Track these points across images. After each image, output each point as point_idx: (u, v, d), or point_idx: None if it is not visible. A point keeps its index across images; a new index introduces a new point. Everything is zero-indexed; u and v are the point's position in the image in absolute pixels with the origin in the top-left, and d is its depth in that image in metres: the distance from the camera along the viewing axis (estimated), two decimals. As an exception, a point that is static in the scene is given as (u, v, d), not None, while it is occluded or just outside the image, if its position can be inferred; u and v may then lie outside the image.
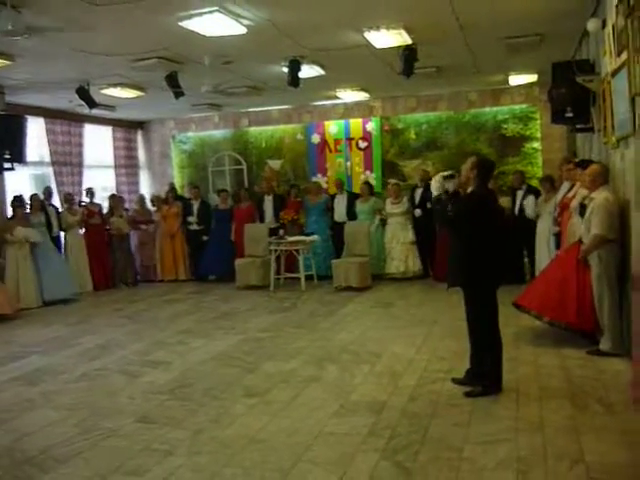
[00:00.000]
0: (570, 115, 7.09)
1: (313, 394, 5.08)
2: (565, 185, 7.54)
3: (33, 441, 4.34)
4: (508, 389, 4.92)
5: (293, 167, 13.30)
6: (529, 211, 9.15)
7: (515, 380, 5.15)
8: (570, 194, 6.97)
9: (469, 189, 4.83)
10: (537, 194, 9.26)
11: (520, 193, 9.65)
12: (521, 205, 9.46)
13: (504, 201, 9.80)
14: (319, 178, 12.87)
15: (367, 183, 11.52)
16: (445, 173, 4.85)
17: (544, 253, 8.55)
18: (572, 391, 4.84)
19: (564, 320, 6.02)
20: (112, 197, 12.08)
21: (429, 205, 9.87)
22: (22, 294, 9.55)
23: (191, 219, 11.94)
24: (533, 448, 3.82)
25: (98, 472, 3.78)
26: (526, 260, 9.60)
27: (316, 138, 13.07)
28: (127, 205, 12.65)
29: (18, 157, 9.75)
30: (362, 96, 11.92)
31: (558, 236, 7.68)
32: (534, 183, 10.36)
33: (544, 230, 8.63)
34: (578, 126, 7.63)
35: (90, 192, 11.65)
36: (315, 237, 10.70)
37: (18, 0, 5.34)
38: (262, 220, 11.55)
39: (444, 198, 4.81)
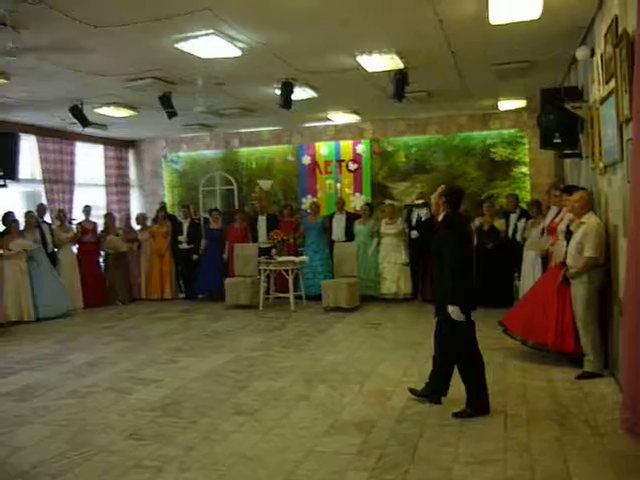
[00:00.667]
0: (558, 141, 7.22)
1: (303, 413, 5.11)
2: (553, 210, 7.66)
3: (25, 456, 4.34)
4: (496, 410, 4.98)
5: (283, 188, 13.39)
6: (519, 235, 9.26)
7: (503, 402, 5.21)
8: (557, 219, 7.10)
9: (440, 216, 5.04)
10: (529, 218, 9.37)
11: (514, 216, 9.77)
12: (515, 228, 9.57)
13: (498, 224, 9.91)
14: (309, 199, 12.96)
15: (369, 204, 11.58)
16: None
17: (529, 276, 8.65)
18: (559, 412, 4.91)
19: (544, 342, 6.16)
20: (107, 215, 12.11)
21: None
22: (19, 308, 9.57)
23: (181, 238, 11.97)
24: (521, 469, 3.88)
25: (89, 488, 3.80)
26: (517, 283, 9.69)
27: (307, 159, 13.19)
28: (118, 223, 12.66)
29: (10, 174, 9.77)
30: (353, 118, 12.07)
31: (544, 259, 7.79)
32: (523, 207, 10.49)
33: (530, 254, 8.74)
34: (566, 152, 7.75)
35: (86, 210, 11.67)
36: (304, 258, 10.76)
37: (17, 21, 5.40)
38: (255, 240, 11.58)
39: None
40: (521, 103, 10.81)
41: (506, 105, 10.99)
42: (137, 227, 12.39)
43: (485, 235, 9.89)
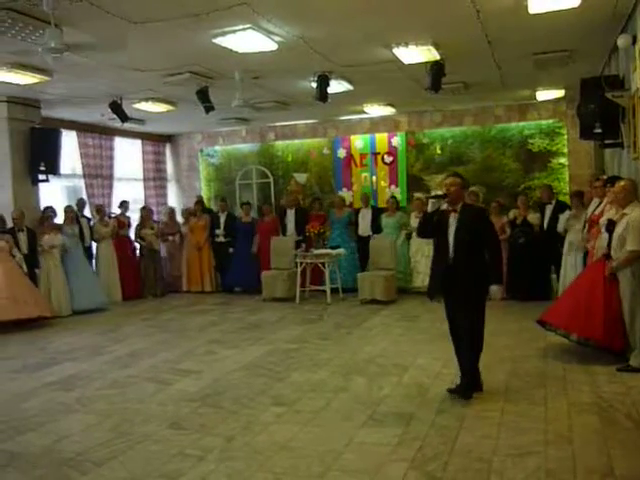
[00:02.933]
0: (599, 131, 7.11)
1: (341, 404, 5.14)
2: (594, 201, 7.53)
3: (70, 444, 4.45)
4: (536, 403, 4.95)
5: (319, 181, 13.42)
6: (561, 226, 9.07)
7: (543, 395, 5.17)
8: (598, 210, 6.97)
9: (458, 205, 5.15)
10: (566, 209, 9.23)
11: (549, 208, 9.63)
12: (551, 220, 9.41)
13: (532, 217, 9.78)
14: (345, 192, 12.97)
15: (394, 197, 11.59)
16: (440, 192, 5.17)
17: (571, 269, 8.53)
18: (601, 405, 4.85)
19: (591, 336, 6.01)
20: (143, 209, 12.30)
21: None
22: (53, 302, 9.72)
23: (218, 232, 12.09)
24: (562, 461, 3.84)
25: (134, 475, 3.88)
26: (554, 276, 9.57)
27: (342, 152, 13.19)
28: (155, 217, 12.87)
29: (52, 169, 10.01)
30: (388, 111, 12.02)
31: (586, 252, 7.67)
32: (562, 198, 10.36)
33: (572, 246, 8.62)
34: (607, 142, 7.63)
35: (124, 204, 11.88)
36: (341, 250, 10.78)
37: (60, 19, 5.51)
38: (284, 233, 11.66)
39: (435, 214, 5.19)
40: (560, 93, 10.65)
41: (544, 95, 10.83)
42: (181, 220, 12.55)
43: (518, 228, 9.76)
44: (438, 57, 7.64)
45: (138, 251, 11.97)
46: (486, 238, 5.14)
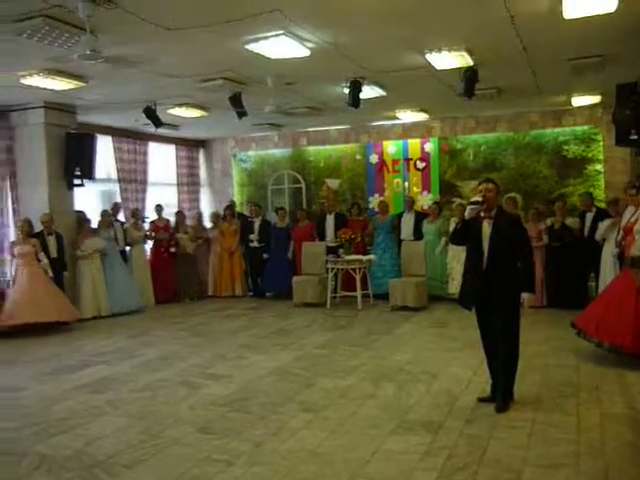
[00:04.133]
0: (635, 137, 7.00)
1: (370, 411, 5.12)
2: (630, 209, 7.39)
3: (100, 446, 4.50)
4: (568, 413, 4.88)
5: (351, 186, 13.40)
6: (599, 234, 8.95)
7: (575, 404, 5.10)
8: (633, 218, 6.84)
9: (493, 212, 5.12)
10: (606, 217, 9.10)
11: (590, 215, 9.51)
12: (592, 228, 9.29)
13: (571, 222, 9.67)
14: (376, 198, 12.92)
15: (437, 203, 11.51)
16: (479, 198, 5.08)
17: (609, 277, 8.39)
18: (634, 417, 4.76)
19: (620, 343, 5.93)
20: (178, 213, 12.45)
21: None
22: (96, 304, 9.96)
23: (252, 236, 12.14)
24: (594, 474, 3.78)
25: (162, 478, 3.91)
26: (593, 284, 9.42)
27: (374, 158, 13.16)
28: (188, 222, 12.99)
29: (87, 174, 10.16)
30: (421, 117, 11.96)
31: (620, 259, 7.53)
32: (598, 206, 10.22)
33: (609, 254, 8.48)
34: (643, 148, 7.50)
35: (158, 209, 12.03)
36: (372, 256, 10.76)
37: (95, 25, 5.61)
38: (323, 238, 11.62)
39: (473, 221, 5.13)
40: (595, 99, 10.47)
41: (580, 101, 10.66)
42: (209, 225, 12.64)
43: (556, 234, 9.66)
44: (472, 63, 7.57)
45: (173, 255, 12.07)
46: (520, 245, 5.09)
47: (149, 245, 11.83)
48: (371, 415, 5.02)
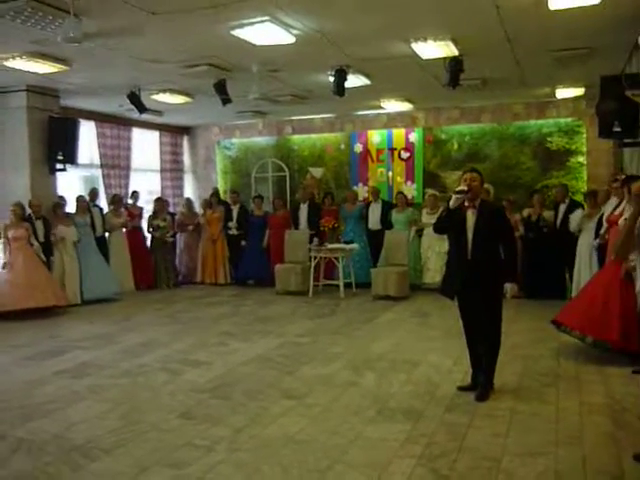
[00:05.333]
0: (618, 129, 7.03)
1: (351, 399, 5.13)
2: (613, 201, 7.46)
3: (79, 431, 4.48)
4: (547, 402, 4.93)
5: (335, 176, 13.39)
6: (574, 225, 9.03)
7: (555, 394, 5.14)
8: (617, 211, 6.90)
9: (477, 201, 5.12)
10: (579, 208, 9.18)
11: (563, 207, 9.58)
12: (564, 219, 9.36)
13: (547, 215, 9.75)
14: (360, 187, 12.93)
15: (401, 193, 11.62)
16: (465, 188, 5.03)
17: (585, 269, 8.47)
18: (613, 408, 4.81)
19: (607, 338, 5.95)
20: (158, 200, 12.35)
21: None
22: (67, 291, 9.78)
23: (231, 224, 12.13)
24: (572, 462, 3.81)
25: (141, 463, 3.89)
26: (567, 276, 9.50)
27: (358, 147, 13.15)
28: (172, 208, 12.92)
29: (70, 159, 10.07)
30: (406, 106, 11.96)
31: (600, 252, 7.60)
32: (578, 198, 10.29)
33: (586, 245, 8.55)
34: (626, 141, 7.54)
35: (134, 195, 11.95)
36: (355, 245, 10.79)
37: (79, 8, 5.54)
38: (297, 227, 11.67)
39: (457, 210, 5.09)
40: (579, 91, 10.53)
41: (564, 93, 10.72)
42: (200, 211, 12.59)
43: (532, 226, 9.74)
44: (457, 53, 7.59)
45: (149, 242, 12.01)
46: (503, 235, 5.14)
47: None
48: (352, 403, 5.03)
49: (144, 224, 11.98)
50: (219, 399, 5.18)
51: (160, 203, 12.23)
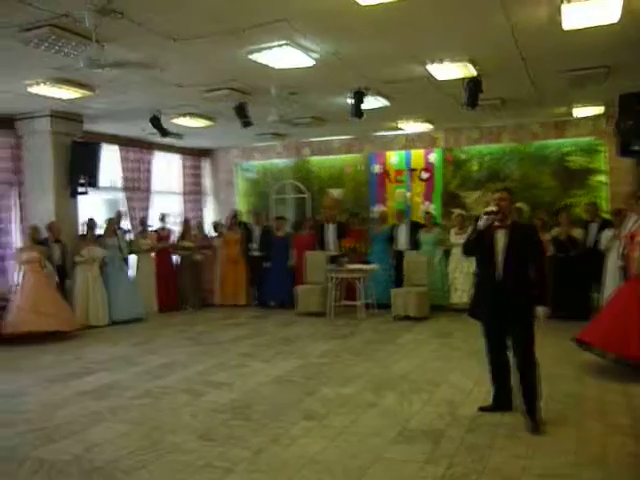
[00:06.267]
0: (638, 148, 7.00)
1: (371, 420, 5.11)
2: (632, 218, 7.40)
3: (100, 452, 4.51)
4: (570, 424, 4.87)
5: (354, 196, 13.43)
6: (603, 244, 8.92)
7: (577, 415, 5.09)
8: (634, 227, 6.85)
9: (508, 221, 4.98)
10: (611, 227, 9.09)
11: (594, 226, 9.51)
12: (596, 238, 9.27)
13: (577, 233, 9.67)
14: (379, 208, 12.95)
15: (429, 213, 11.58)
16: (494, 208, 4.90)
17: (611, 288, 8.37)
18: (637, 428, 4.74)
19: (627, 354, 5.89)
20: (185, 222, 12.52)
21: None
22: (92, 313, 9.91)
23: (252, 246, 12.16)
24: (594, 484, 3.76)
25: (162, 485, 3.92)
26: (596, 294, 9.40)
27: (377, 168, 13.19)
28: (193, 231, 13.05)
29: (92, 182, 10.22)
30: (425, 127, 11.99)
31: (625, 270, 7.52)
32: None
33: (613, 264, 8.47)
34: (646, 159, 7.50)
35: (162, 217, 12.10)
36: (374, 266, 10.78)
37: (101, 35, 5.66)
38: (323, 247, 11.65)
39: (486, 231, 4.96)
40: (599, 110, 10.49)
41: (582, 112, 10.68)
42: (213, 234, 12.66)
43: (562, 245, 9.65)
44: (475, 73, 7.61)
45: (177, 263, 12.10)
46: (535, 257, 4.97)
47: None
48: (372, 424, 5.01)
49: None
50: (239, 420, 5.19)
51: (187, 225, 12.37)
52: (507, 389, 5.15)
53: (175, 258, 12.13)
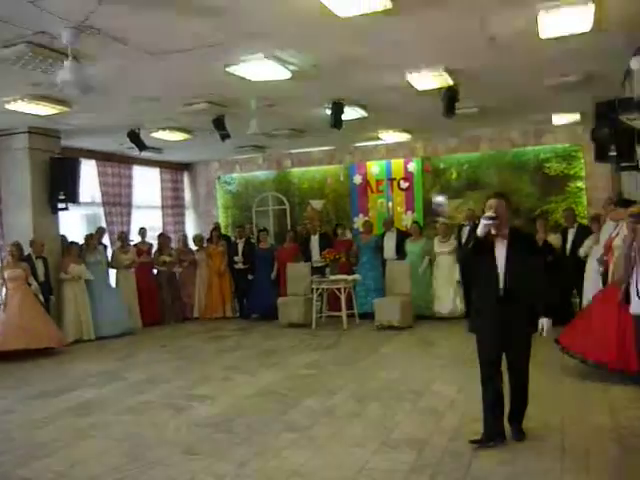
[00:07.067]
0: (614, 154, 7.09)
1: (355, 430, 5.11)
2: (610, 225, 7.49)
3: (84, 469, 4.47)
4: (552, 428, 4.89)
5: (335, 207, 13.47)
6: (583, 250, 8.99)
7: (560, 419, 5.11)
8: (614, 234, 6.93)
9: (506, 229, 4.63)
10: (589, 233, 9.18)
11: (572, 232, 9.59)
12: (574, 244, 9.36)
13: (553, 238, 9.75)
14: (361, 218, 12.99)
15: (416, 223, 11.61)
16: (493, 214, 4.54)
17: (591, 293, 8.44)
18: (619, 432, 4.77)
19: (606, 361, 5.97)
20: (160, 236, 12.42)
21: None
22: (82, 327, 9.89)
23: (237, 258, 12.14)
24: (578, 488, 3.79)
25: (146, 501, 3.89)
26: (577, 300, 9.48)
27: (358, 179, 13.25)
28: (173, 244, 12.99)
29: (72, 197, 10.16)
30: (404, 137, 12.07)
31: (605, 276, 7.60)
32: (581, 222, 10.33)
33: (593, 270, 8.54)
34: (623, 164, 7.59)
35: (142, 232, 12.03)
36: (357, 276, 10.79)
37: (77, 51, 5.65)
38: (308, 259, 11.65)
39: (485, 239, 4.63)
40: (575, 117, 10.62)
41: (559, 119, 10.82)
42: (194, 247, 12.61)
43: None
44: (451, 82, 7.68)
45: (156, 277, 12.03)
46: (536, 266, 4.72)
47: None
48: (356, 434, 5.01)
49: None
50: (223, 433, 5.16)
51: (163, 238, 12.30)
52: (501, 420, 4.72)
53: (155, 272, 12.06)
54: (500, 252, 4.61)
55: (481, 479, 3.99)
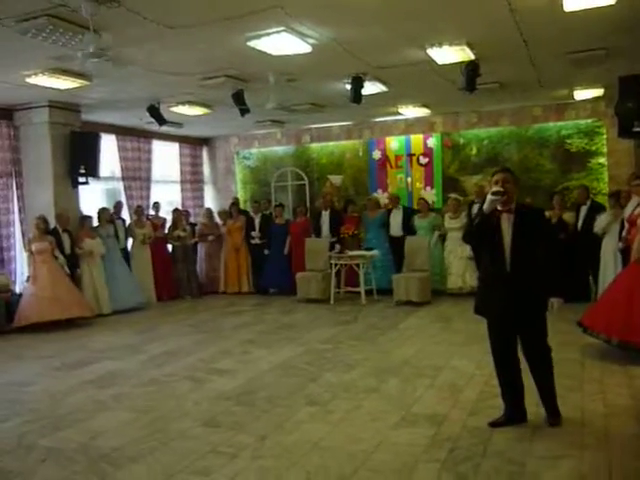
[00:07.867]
0: (638, 129, 6.99)
1: (374, 405, 5.14)
2: (634, 201, 7.39)
3: (106, 440, 4.55)
4: (573, 407, 4.87)
5: (354, 183, 13.42)
6: (599, 227, 8.89)
7: (580, 398, 5.10)
8: (637, 210, 6.84)
9: (512, 205, 4.46)
10: (602, 210, 9.08)
11: (584, 208, 9.50)
12: (585, 221, 9.27)
13: (568, 216, 9.67)
14: (379, 194, 12.94)
15: (423, 199, 11.58)
16: (500, 189, 4.37)
17: (610, 271, 8.38)
18: (638, 409, 4.76)
19: (631, 339, 5.90)
20: (175, 211, 12.44)
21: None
22: (94, 302, 9.95)
23: (253, 233, 12.18)
24: (597, 466, 3.78)
25: (166, 470, 3.95)
26: (591, 278, 9.41)
27: (377, 154, 13.17)
28: (192, 219, 13.02)
29: (92, 172, 10.23)
30: (423, 112, 11.96)
31: (625, 253, 7.52)
32: (601, 199, 10.20)
33: (610, 248, 8.47)
34: (646, 140, 7.50)
35: (156, 206, 12.09)
36: (375, 252, 10.78)
37: (98, 24, 5.64)
38: (318, 235, 11.68)
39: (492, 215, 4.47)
40: (598, 92, 10.45)
41: (582, 94, 10.65)
42: (220, 222, 12.68)
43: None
44: (473, 57, 7.58)
45: (171, 252, 12.09)
46: (546, 242, 4.49)
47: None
48: (375, 408, 5.04)
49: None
50: (243, 406, 5.22)
51: (178, 214, 12.31)
52: (519, 397, 4.60)
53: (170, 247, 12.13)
54: (506, 229, 4.44)
55: (500, 454, 4.00)
